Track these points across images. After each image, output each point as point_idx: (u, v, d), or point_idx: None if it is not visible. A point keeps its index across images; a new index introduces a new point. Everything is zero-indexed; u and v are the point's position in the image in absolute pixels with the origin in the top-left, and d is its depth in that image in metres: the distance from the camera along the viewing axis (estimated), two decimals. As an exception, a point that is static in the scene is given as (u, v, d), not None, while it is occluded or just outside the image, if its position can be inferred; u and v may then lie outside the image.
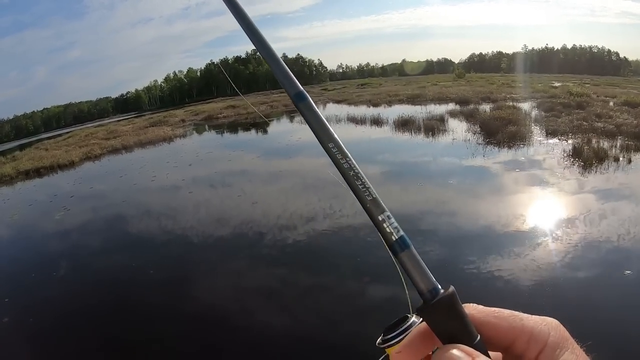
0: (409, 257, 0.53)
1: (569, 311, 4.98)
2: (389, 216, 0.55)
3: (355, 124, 23.24)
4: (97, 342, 5.96)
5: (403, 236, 0.54)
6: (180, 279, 7.46)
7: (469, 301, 0.55)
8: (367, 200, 0.56)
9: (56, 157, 25.30)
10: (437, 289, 0.52)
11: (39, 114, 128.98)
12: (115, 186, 16.10)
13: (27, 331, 6.53)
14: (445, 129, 18.28)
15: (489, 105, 24.11)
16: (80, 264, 8.98)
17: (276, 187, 12.16)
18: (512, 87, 36.98)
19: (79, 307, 7.05)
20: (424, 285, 0.52)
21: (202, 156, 19.05)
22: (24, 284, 8.32)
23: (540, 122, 17.34)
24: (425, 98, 32.81)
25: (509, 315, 0.52)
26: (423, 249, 7.11)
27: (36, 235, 11.53)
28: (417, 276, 0.53)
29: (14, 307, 7.41)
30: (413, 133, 18.25)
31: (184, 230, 10.00)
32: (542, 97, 26.47)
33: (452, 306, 0.51)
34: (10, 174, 22.40)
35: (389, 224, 0.55)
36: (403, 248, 0.54)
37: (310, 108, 0.61)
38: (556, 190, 9.59)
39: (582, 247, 6.77)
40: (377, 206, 0.56)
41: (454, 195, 10.05)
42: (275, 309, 6.09)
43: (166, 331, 5.87)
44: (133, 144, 27.34)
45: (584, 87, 29.30)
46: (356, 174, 0.58)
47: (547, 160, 12.07)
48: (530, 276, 5.97)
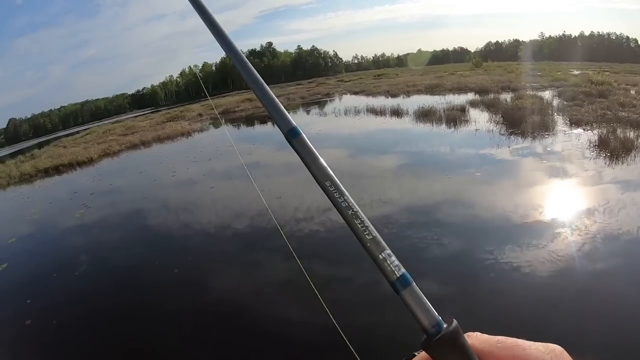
0: (410, 294, 0.54)
1: None
2: (389, 254, 0.56)
3: (375, 115, 22.74)
4: (122, 343, 5.75)
5: (404, 274, 0.55)
6: (206, 277, 7.13)
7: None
8: (367, 239, 0.56)
9: (75, 154, 25.30)
10: (441, 324, 0.53)
11: (57, 112, 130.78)
12: (135, 182, 15.87)
13: (50, 334, 6.28)
14: (467, 119, 17.74)
15: (509, 95, 23.41)
16: (102, 263, 8.69)
17: (299, 181, 11.73)
18: (531, 76, 36.12)
19: (103, 307, 6.77)
20: (427, 321, 0.53)
21: (222, 150, 18.68)
22: (46, 284, 8.05)
23: (563, 111, 16.69)
24: (444, 88, 32.18)
25: (512, 344, 0.52)
26: (465, 245, 6.79)
27: (57, 234, 11.27)
28: (420, 312, 0.54)
29: (37, 308, 7.16)
30: (435, 124, 17.66)
31: (206, 226, 9.61)
32: (563, 85, 25.82)
33: (456, 341, 0.52)
34: (30, 172, 22.42)
35: (389, 263, 0.55)
36: (405, 285, 0.55)
37: (305, 145, 0.62)
38: (589, 183, 9.03)
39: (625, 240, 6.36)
40: (377, 245, 0.56)
41: (483, 188, 9.50)
42: (296, 301, 5.91)
43: (189, 326, 5.74)
44: (151, 139, 27.19)
45: (604, 75, 28.26)
46: (355, 213, 0.58)
47: (574, 151, 11.43)
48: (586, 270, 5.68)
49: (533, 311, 4.92)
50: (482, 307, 5.11)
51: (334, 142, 16.28)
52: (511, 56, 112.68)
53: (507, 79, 33.58)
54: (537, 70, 43.71)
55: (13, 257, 10.01)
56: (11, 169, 24.62)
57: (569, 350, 0.50)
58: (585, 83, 25.12)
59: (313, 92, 45.30)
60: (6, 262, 9.60)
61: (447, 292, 5.51)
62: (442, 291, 5.48)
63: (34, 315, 6.93)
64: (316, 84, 61.75)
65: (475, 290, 5.49)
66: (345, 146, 15.15)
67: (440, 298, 5.24)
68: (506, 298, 5.21)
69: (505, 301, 5.15)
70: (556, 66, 55.86)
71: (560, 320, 4.66)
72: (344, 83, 57.26)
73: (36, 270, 8.84)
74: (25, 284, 8.27)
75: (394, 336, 4.51)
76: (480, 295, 5.38)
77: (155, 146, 25.19)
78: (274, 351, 5.00)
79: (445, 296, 5.37)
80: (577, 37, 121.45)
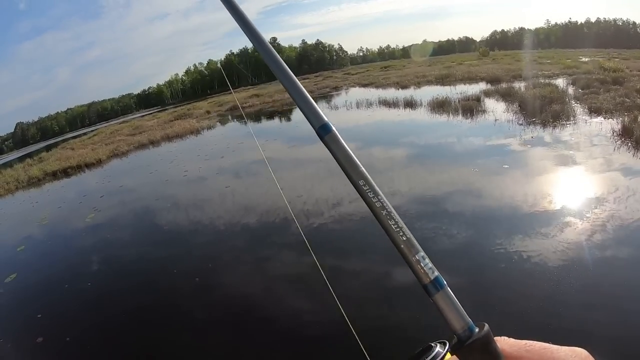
0: (443, 298, 0.53)
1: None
2: (423, 257, 0.55)
3: (388, 107, 22.07)
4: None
5: (438, 277, 0.54)
6: (228, 283, 6.55)
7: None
8: (401, 240, 0.55)
9: (83, 156, 24.91)
10: (472, 328, 0.53)
11: (63, 115, 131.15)
12: (146, 183, 15.32)
13: (64, 353, 5.75)
14: (484, 109, 17.00)
15: (522, 84, 22.60)
16: (116, 271, 8.12)
17: (319, 178, 11.12)
18: (541, 64, 35.29)
19: (119, 320, 6.24)
20: (459, 324, 0.52)
21: (234, 147, 18.10)
22: (58, 296, 7.51)
23: (580, 99, 15.92)
24: (455, 78, 31.37)
25: (540, 348, 0.51)
26: (507, 240, 6.29)
27: (67, 241, 10.72)
28: (452, 316, 0.53)
29: (48, 323, 6.62)
30: (452, 115, 16.95)
31: (224, 228, 9.01)
32: (575, 73, 24.95)
33: (487, 346, 0.52)
34: (38, 176, 22.05)
35: (423, 265, 0.54)
36: (438, 289, 0.54)
37: (337, 142, 0.60)
38: (618, 173, 8.40)
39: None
40: (411, 247, 0.55)
41: (514, 181, 8.80)
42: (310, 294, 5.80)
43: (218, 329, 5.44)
44: (160, 138, 26.68)
45: (615, 62, 27.61)
46: (389, 213, 0.56)
47: (598, 140, 10.74)
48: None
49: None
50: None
51: (350, 135, 15.62)
52: (517, 44, 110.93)
53: (517, 67, 32.72)
54: (546, 58, 42.75)
55: (22, 267, 9.48)
56: (19, 174, 24.24)
57: (594, 354, 0.50)
58: (598, 70, 24.43)
59: (321, 86, 44.49)
60: (15, 272, 9.06)
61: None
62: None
63: (45, 331, 6.40)
64: (323, 78, 60.94)
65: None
66: (363, 140, 14.53)
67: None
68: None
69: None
70: (564, 53, 54.62)
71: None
72: (351, 76, 56.50)
73: (46, 281, 8.32)
74: (35, 296, 7.76)
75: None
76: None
77: (164, 145, 24.66)
78: (290, 343, 4.91)
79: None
80: (583, 23, 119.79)
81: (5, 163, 44.00)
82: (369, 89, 34.75)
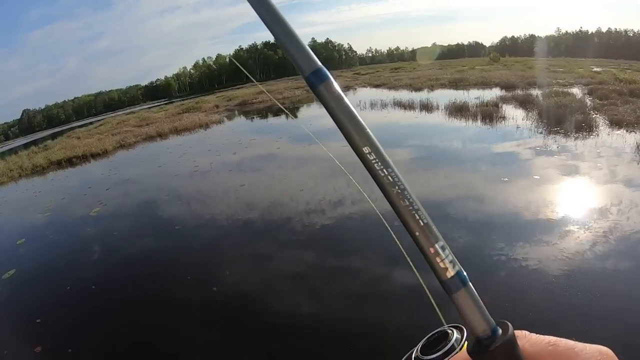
0: (465, 296, 0.46)
1: None
2: (443, 247, 0.45)
3: (403, 109, 21.49)
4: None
5: (460, 271, 0.46)
6: (251, 281, 5.88)
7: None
8: (417, 226, 0.45)
9: (89, 145, 24.34)
10: (496, 330, 0.46)
11: (70, 103, 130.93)
12: (154, 177, 14.68)
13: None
14: (503, 115, 16.37)
15: (538, 91, 22.02)
16: (123, 273, 7.46)
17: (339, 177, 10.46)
18: (554, 72, 34.54)
19: (127, 330, 5.60)
20: (481, 327, 0.46)
21: (246, 143, 17.39)
22: (59, 298, 6.87)
23: (599, 110, 15.29)
24: (468, 82, 30.78)
25: (564, 348, 0.46)
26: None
27: (70, 236, 10.05)
28: (475, 317, 0.46)
29: (48, 331, 6.01)
30: (471, 120, 16.35)
31: (242, 232, 8.35)
32: (590, 82, 24.34)
33: (512, 351, 0.46)
34: (42, 165, 21.47)
35: (444, 257, 0.45)
36: (459, 286, 0.46)
37: (334, 92, 0.45)
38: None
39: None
40: (429, 234, 0.45)
41: (545, 193, 8.20)
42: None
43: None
44: (168, 131, 25.99)
45: (628, 73, 27.37)
46: (402, 191, 0.45)
47: (625, 153, 10.25)
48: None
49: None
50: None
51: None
52: (527, 51, 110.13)
53: (530, 74, 32.21)
54: (558, 67, 42.14)
55: (21, 263, 8.81)
56: (23, 161, 23.69)
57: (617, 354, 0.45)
58: (612, 81, 23.96)
59: (332, 84, 43.75)
60: (14, 268, 8.42)
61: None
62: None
63: (44, 339, 5.81)
64: (333, 77, 60.31)
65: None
66: (384, 142, 13.83)
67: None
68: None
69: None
70: (574, 62, 53.94)
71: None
72: (361, 76, 55.84)
73: (47, 280, 7.69)
74: (34, 297, 7.11)
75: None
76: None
77: (172, 138, 23.98)
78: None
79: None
80: (593, 33, 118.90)
81: (10, 149, 43.56)
82: (382, 89, 34.13)
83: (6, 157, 28.72)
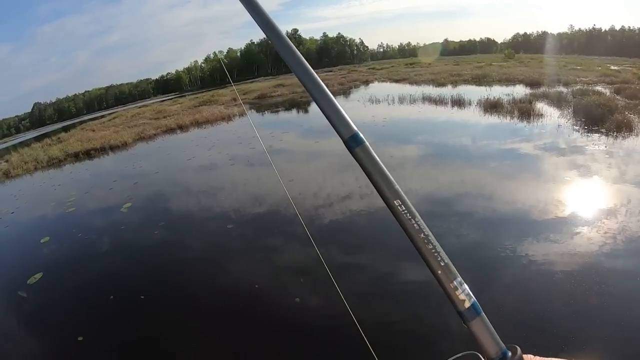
0: (480, 323, 0.53)
1: None
2: (460, 282, 0.54)
3: (434, 105, 20.39)
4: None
5: (475, 303, 0.53)
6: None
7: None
8: (439, 266, 0.54)
9: (106, 137, 23.37)
10: (506, 353, 0.53)
11: (81, 97, 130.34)
12: (184, 171, 13.55)
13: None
14: (540, 113, 15.37)
15: (564, 88, 20.98)
16: (174, 280, 6.38)
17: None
18: (574, 70, 33.54)
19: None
20: (493, 350, 0.53)
21: (279, 137, 16.19)
22: (102, 312, 5.80)
23: (633, 110, 14.30)
24: (491, 79, 29.67)
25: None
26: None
27: (100, 235, 8.84)
28: (487, 342, 0.53)
29: (94, 351, 4.89)
30: (508, 117, 15.40)
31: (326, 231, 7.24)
32: (614, 82, 23.30)
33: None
34: (59, 157, 20.55)
35: (461, 291, 0.53)
36: (475, 315, 0.53)
37: (369, 154, 0.56)
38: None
39: None
40: (448, 273, 0.54)
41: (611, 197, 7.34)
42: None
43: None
44: (189, 123, 24.94)
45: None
46: (426, 237, 0.54)
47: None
48: None
49: None
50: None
51: (404, 131, 14.67)
52: (539, 48, 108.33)
53: (550, 71, 31.09)
54: (574, 64, 41.12)
55: (48, 264, 7.75)
56: (38, 153, 22.80)
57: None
58: (636, 80, 23.30)
59: (350, 79, 42.51)
60: (40, 271, 7.34)
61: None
62: None
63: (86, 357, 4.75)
64: (347, 72, 59.17)
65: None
66: (423, 141, 13.20)
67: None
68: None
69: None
70: (590, 60, 52.73)
71: None
72: (377, 71, 54.89)
73: (84, 287, 6.62)
74: (69, 306, 6.05)
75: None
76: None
77: (194, 130, 22.97)
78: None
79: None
80: (607, 31, 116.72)
81: (22, 142, 42.73)
82: (404, 84, 33.11)
83: (18, 149, 27.78)
